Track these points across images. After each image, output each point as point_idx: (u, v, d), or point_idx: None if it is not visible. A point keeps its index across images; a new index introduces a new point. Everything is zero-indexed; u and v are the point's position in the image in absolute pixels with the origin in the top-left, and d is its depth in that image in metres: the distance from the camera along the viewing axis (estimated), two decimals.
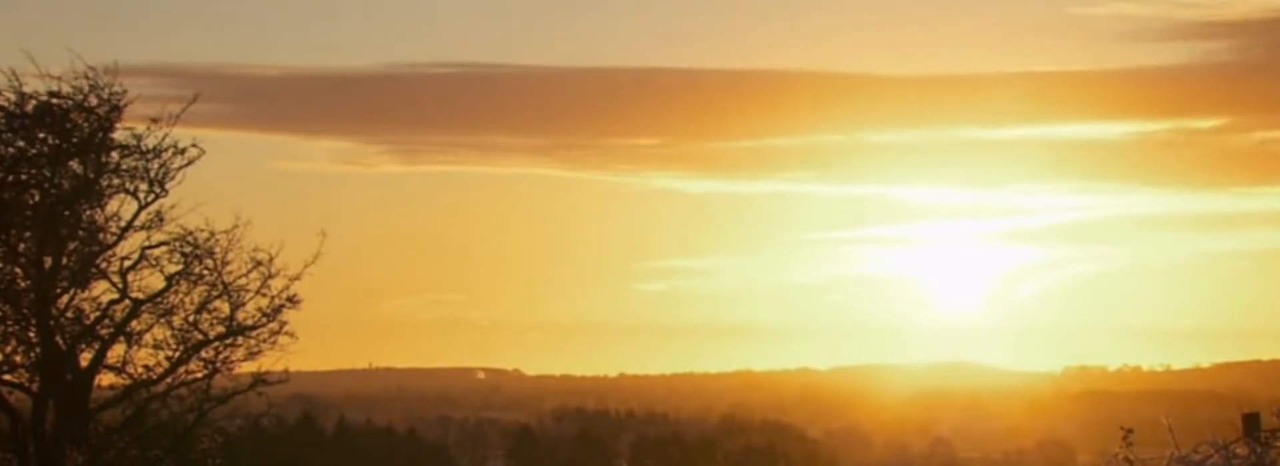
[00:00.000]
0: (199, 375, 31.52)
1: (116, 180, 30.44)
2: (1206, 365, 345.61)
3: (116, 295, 30.80)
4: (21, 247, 30.08)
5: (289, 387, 34.22)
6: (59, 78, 29.67)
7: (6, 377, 30.25)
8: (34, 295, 29.83)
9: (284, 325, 31.79)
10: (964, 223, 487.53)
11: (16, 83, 29.50)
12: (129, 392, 31.13)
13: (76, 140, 29.90)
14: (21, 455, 30.13)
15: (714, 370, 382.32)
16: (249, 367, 31.93)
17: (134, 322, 30.98)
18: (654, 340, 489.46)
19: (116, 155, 30.29)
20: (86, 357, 30.68)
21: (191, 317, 31.32)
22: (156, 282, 31.14)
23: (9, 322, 30.17)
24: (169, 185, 30.47)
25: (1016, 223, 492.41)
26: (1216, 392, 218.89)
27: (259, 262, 31.41)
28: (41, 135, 29.87)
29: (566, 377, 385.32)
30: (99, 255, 30.71)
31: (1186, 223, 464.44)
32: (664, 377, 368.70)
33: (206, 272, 31.23)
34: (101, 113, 29.94)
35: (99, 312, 30.77)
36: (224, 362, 31.60)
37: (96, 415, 31.09)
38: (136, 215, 30.62)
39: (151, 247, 30.98)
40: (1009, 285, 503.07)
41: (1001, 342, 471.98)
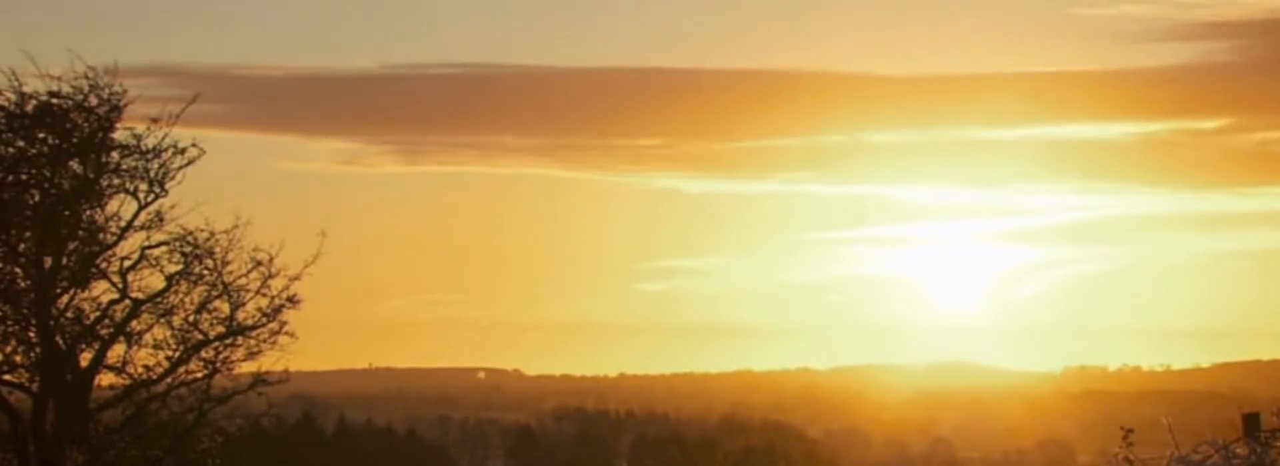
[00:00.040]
0: (199, 375, 31.50)
1: (116, 180, 30.43)
2: (1206, 365, 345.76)
3: (116, 295, 30.78)
4: (21, 247, 30.05)
5: (289, 387, 34.20)
6: (59, 78, 29.71)
7: (6, 377, 30.24)
8: (34, 295, 29.81)
9: (284, 325, 31.80)
10: (964, 222, 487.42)
11: (16, 83, 29.54)
12: (129, 392, 31.11)
13: (76, 140, 29.88)
14: (21, 455, 30.11)
15: (714, 370, 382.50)
16: (249, 367, 31.94)
17: (134, 322, 30.96)
18: (654, 340, 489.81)
19: (116, 155, 30.28)
20: (86, 357, 30.66)
21: (191, 317, 31.30)
22: (156, 282, 31.16)
23: (9, 322, 30.15)
24: (169, 185, 30.50)
25: (1016, 223, 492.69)
26: (1216, 392, 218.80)
27: (259, 262, 31.41)
28: (41, 135, 29.86)
29: (566, 377, 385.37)
30: (99, 255, 30.69)
31: (1186, 223, 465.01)
32: (664, 377, 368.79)
33: (206, 272, 31.22)
34: (101, 113, 29.93)
35: (99, 312, 30.75)
36: (224, 362, 31.58)
37: (96, 415, 31.06)
38: (136, 215, 30.63)
39: (151, 247, 30.97)
40: (1009, 285, 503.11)
41: (1001, 342, 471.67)
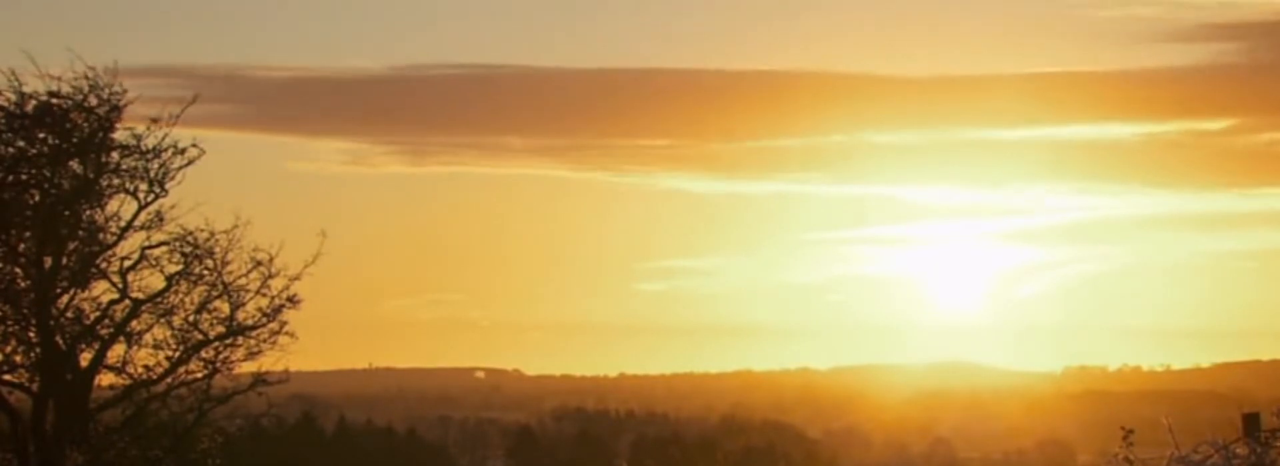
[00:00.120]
0: (199, 375, 31.50)
1: (116, 180, 30.44)
2: (1206, 365, 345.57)
3: (116, 295, 30.79)
4: (21, 247, 30.06)
5: (289, 387, 34.20)
6: (59, 78, 29.73)
7: (6, 377, 30.24)
8: (34, 295, 29.82)
9: (284, 325, 31.81)
10: (964, 223, 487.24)
11: (16, 83, 29.56)
12: (129, 392, 31.11)
13: (76, 140, 29.89)
14: (21, 455, 30.11)
15: (714, 370, 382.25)
16: (249, 367, 31.96)
17: (134, 322, 30.97)
18: (654, 340, 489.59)
19: (116, 155, 30.29)
20: (86, 357, 30.67)
21: (191, 317, 31.31)
22: (156, 282, 31.17)
23: (9, 322, 30.15)
24: (169, 185, 30.51)
25: (1016, 223, 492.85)
26: (1216, 392, 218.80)
27: (259, 262, 31.42)
28: (41, 135, 29.87)
29: (566, 377, 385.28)
30: (99, 255, 30.69)
31: (1186, 223, 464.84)
32: (664, 377, 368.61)
33: (206, 272, 31.23)
34: (101, 113, 29.94)
35: (99, 312, 30.76)
36: (224, 362, 31.58)
37: (96, 415, 31.06)
38: (136, 215, 30.65)
39: (151, 247, 30.99)
40: (1009, 285, 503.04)
41: (1001, 342, 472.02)
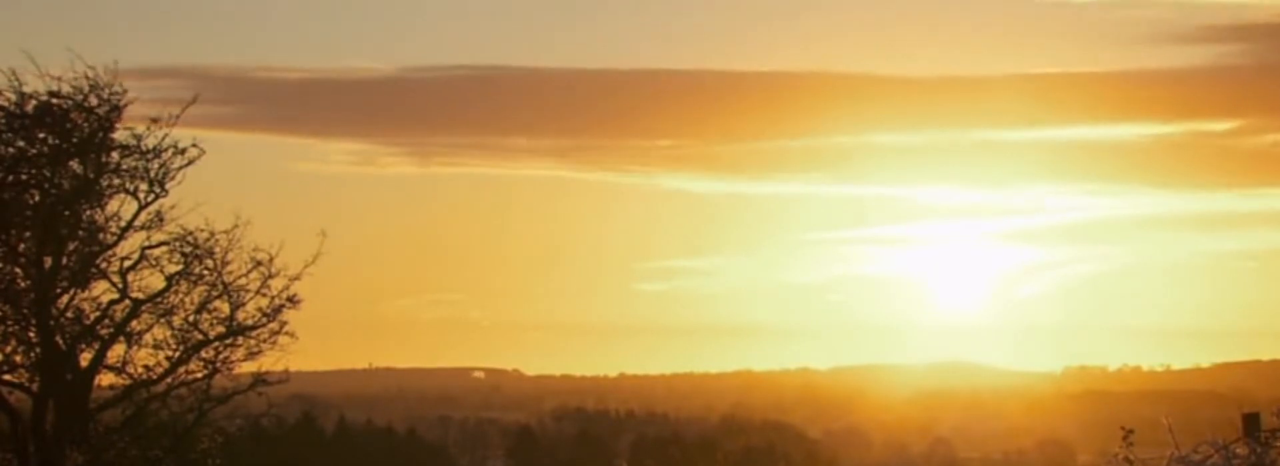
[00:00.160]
0: (199, 375, 31.49)
1: (116, 180, 30.44)
2: (1206, 365, 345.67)
3: (116, 295, 30.78)
4: (21, 247, 30.06)
5: (289, 387, 34.19)
6: (59, 78, 29.72)
7: (6, 377, 30.23)
8: (34, 295, 29.81)
9: (284, 325, 31.80)
10: (965, 223, 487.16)
11: (16, 83, 29.56)
12: (129, 392, 31.10)
13: (76, 140, 29.89)
14: (21, 455, 30.11)
15: (714, 370, 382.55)
16: (249, 367, 31.95)
17: (134, 322, 30.96)
18: (654, 340, 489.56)
19: (116, 155, 30.29)
20: (86, 357, 30.66)
21: (191, 317, 31.30)
22: (156, 282, 31.16)
23: (9, 322, 30.15)
24: (169, 185, 30.51)
25: (1016, 223, 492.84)
26: (1216, 392, 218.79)
27: (259, 263, 31.41)
28: (41, 135, 29.87)
29: (566, 377, 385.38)
30: (99, 255, 30.69)
31: (1186, 223, 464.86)
32: (664, 377, 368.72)
33: (206, 273, 31.22)
34: (101, 113, 29.93)
35: (99, 312, 30.75)
36: (224, 362, 31.57)
37: (96, 415, 31.05)
38: (136, 215, 30.64)
39: (151, 248, 30.98)
40: (1009, 285, 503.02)
41: (1002, 342, 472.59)
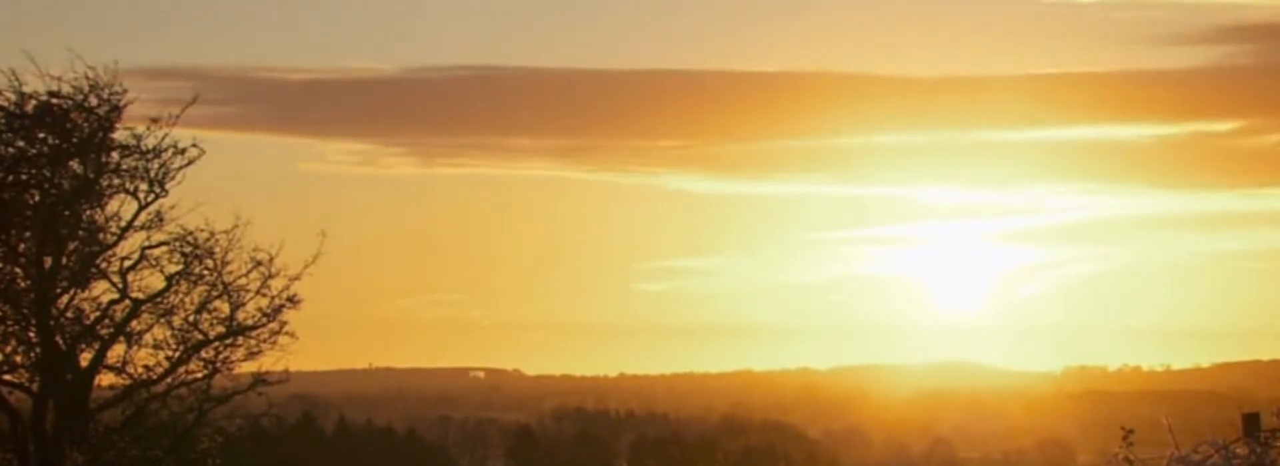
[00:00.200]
0: (199, 375, 31.48)
1: (116, 180, 30.43)
2: (1206, 365, 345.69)
3: (116, 295, 30.77)
4: (21, 247, 30.05)
5: (289, 387, 34.19)
6: (59, 78, 29.72)
7: (6, 377, 30.23)
8: (34, 295, 29.80)
9: (284, 325, 31.79)
10: (965, 223, 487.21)
11: (17, 83, 29.55)
12: (129, 392, 31.09)
13: (76, 140, 29.88)
14: (21, 455, 30.11)
15: (714, 370, 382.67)
16: (249, 367, 31.93)
17: (134, 322, 30.95)
18: (654, 340, 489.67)
19: (116, 155, 30.29)
20: (86, 357, 30.65)
21: (191, 317, 31.28)
22: (156, 282, 31.14)
23: (9, 322, 30.14)
24: (169, 185, 30.50)
25: (1016, 223, 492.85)
26: (1216, 392, 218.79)
27: (259, 263, 31.41)
28: (41, 135, 29.86)
29: (566, 377, 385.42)
30: (99, 255, 30.68)
31: (1186, 223, 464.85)
32: (664, 377, 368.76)
33: (206, 273, 31.22)
34: (101, 113, 29.94)
35: (99, 312, 30.74)
36: (224, 362, 31.56)
37: (96, 415, 31.05)
38: (137, 215, 30.62)
39: (151, 247, 30.97)
40: (1009, 285, 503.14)
41: (1002, 342, 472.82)
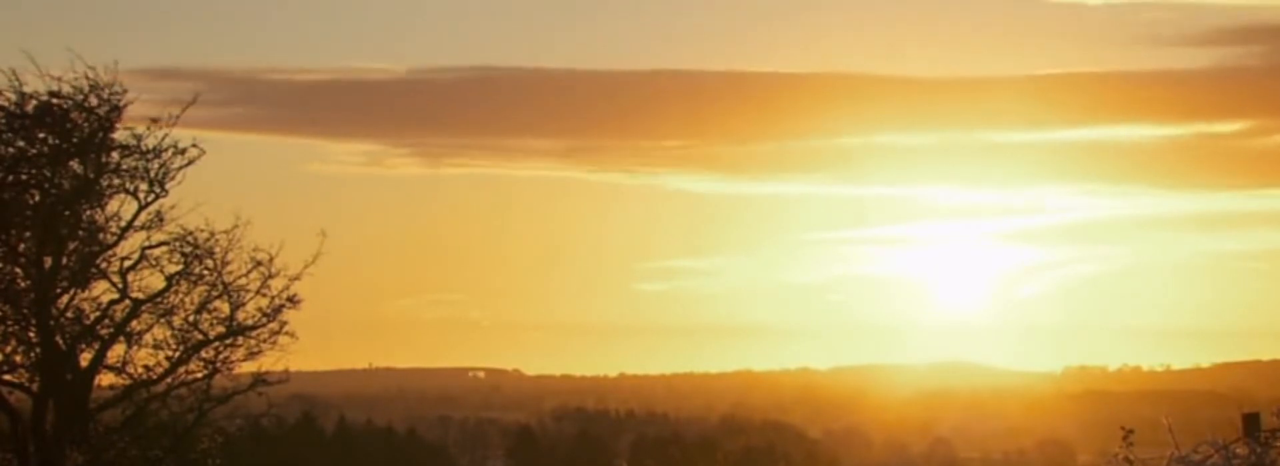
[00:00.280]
0: (199, 375, 31.47)
1: (116, 180, 30.43)
2: (1206, 365, 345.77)
3: (116, 295, 30.75)
4: (21, 247, 30.04)
5: (289, 387, 34.18)
6: (59, 78, 29.71)
7: (6, 377, 30.22)
8: (34, 295, 29.80)
9: (284, 325, 31.79)
10: (965, 223, 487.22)
11: (17, 83, 29.55)
12: (129, 392, 31.08)
13: (76, 140, 29.88)
14: (21, 455, 30.10)
15: (714, 370, 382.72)
16: (249, 367, 31.91)
17: (134, 322, 30.94)
18: (654, 340, 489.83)
19: (116, 155, 30.28)
20: (86, 357, 30.64)
21: (191, 317, 31.27)
22: (156, 282, 31.13)
23: (9, 322, 30.13)
24: (169, 185, 30.50)
25: (1017, 223, 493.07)
26: (1216, 392, 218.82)
27: (259, 263, 31.40)
28: (41, 135, 29.86)
29: (566, 377, 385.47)
30: (99, 255, 30.67)
31: (1186, 223, 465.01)
32: (664, 377, 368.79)
33: (206, 273, 31.22)
34: (101, 113, 29.94)
35: (99, 312, 30.73)
36: (224, 362, 31.55)
37: (96, 415, 31.04)
38: (137, 215, 30.61)
39: (151, 248, 30.96)
40: (1010, 285, 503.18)
41: (1002, 342, 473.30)
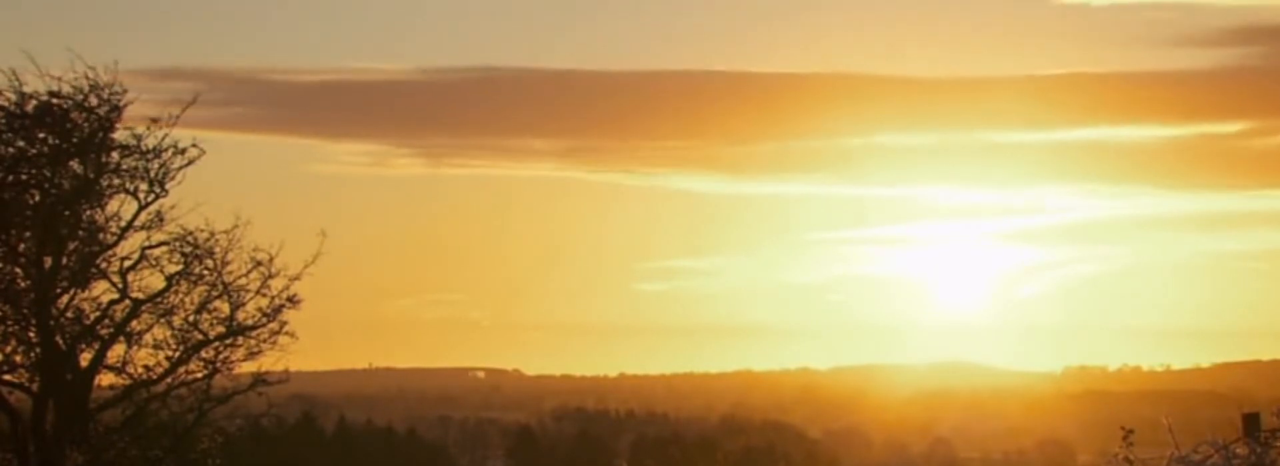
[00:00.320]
0: (199, 375, 31.47)
1: (116, 180, 30.43)
2: (1206, 365, 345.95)
3: (116, 295, 30.76)
4: (21, 247, 30.04)
5: (289, 387, 34.18)
6: (59, 78, 29.71)
7: (6, 377, 30.22)
8: (34, 295, 29.80)
9: (284, 325, 31.78)
10: (965, 223, 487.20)
11: (17, 83, 29.55)
12: (129, 392, 31.08)
13: (76, 140, 29.88)
14: (21, 455, 30.10)
15: (714, 370, 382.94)
16: (249, 367, 31.91)
17: (134, 322, 30.94)
18: (654, 340, 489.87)
19: (116, 155, 30.28)
20: (86, 357, 30.64)
21: (191, 317, 31.28)
22: (156, 282, 31.13)
23: (9, 322, 30.13)
24: (169, 185, 30.50)
25: (1017, 223, 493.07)
26: (1216, 392, 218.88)
27: (259, 263, 31.40)
28: (41, 135, 29.86)
29: (566, 377, 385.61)
30: (99, 255, 30.67)
31: (1187, 223, 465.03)
32: (664, 377, 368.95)
33: (206, 273, 31.22)
34: (101, 113, 29.94)
35: (99, 312, 30.73)
36: (224, 362, 31.55)
37: (96, 415, 31.04)
38: (137, 215, 30.61)
39: (151, 247, 30.96)
40: (1010, 285, 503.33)
41: (1002, 342, 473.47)
